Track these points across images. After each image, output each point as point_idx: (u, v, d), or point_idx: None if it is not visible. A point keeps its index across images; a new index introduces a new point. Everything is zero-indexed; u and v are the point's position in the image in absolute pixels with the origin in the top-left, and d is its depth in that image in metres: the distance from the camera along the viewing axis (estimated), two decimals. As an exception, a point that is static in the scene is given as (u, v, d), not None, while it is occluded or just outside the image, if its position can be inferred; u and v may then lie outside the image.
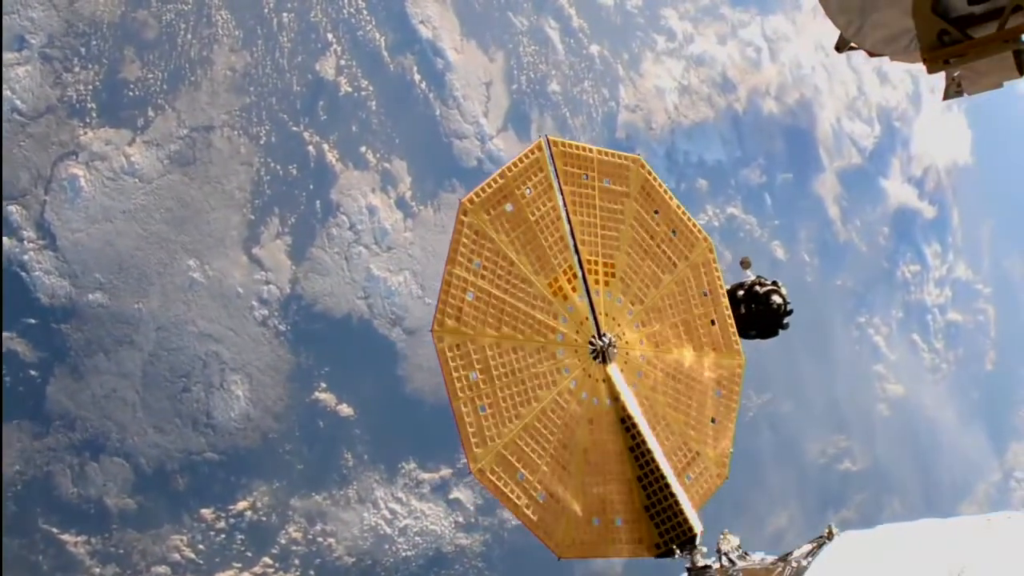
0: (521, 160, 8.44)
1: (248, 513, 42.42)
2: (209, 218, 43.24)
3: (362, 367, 46.24)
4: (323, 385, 45.19)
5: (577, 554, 8.63)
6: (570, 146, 8.77)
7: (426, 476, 47.57)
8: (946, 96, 6.26)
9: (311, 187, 46.28)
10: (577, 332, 8.86)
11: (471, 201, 8.16)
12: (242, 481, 42.63)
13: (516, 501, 8.18)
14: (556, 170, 8.68)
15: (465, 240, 8.11)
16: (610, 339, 8.98)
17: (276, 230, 44.96)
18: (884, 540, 7.48)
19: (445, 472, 48.22)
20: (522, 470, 8.24)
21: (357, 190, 47.55)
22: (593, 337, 8.95)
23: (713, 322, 9.59)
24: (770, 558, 8.39)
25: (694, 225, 9.70)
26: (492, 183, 8.27)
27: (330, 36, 47.70)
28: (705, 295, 9.61)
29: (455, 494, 48.33)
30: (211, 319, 42.81)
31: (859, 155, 75.56)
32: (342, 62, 47.90)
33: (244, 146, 44.45)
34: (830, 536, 7.44)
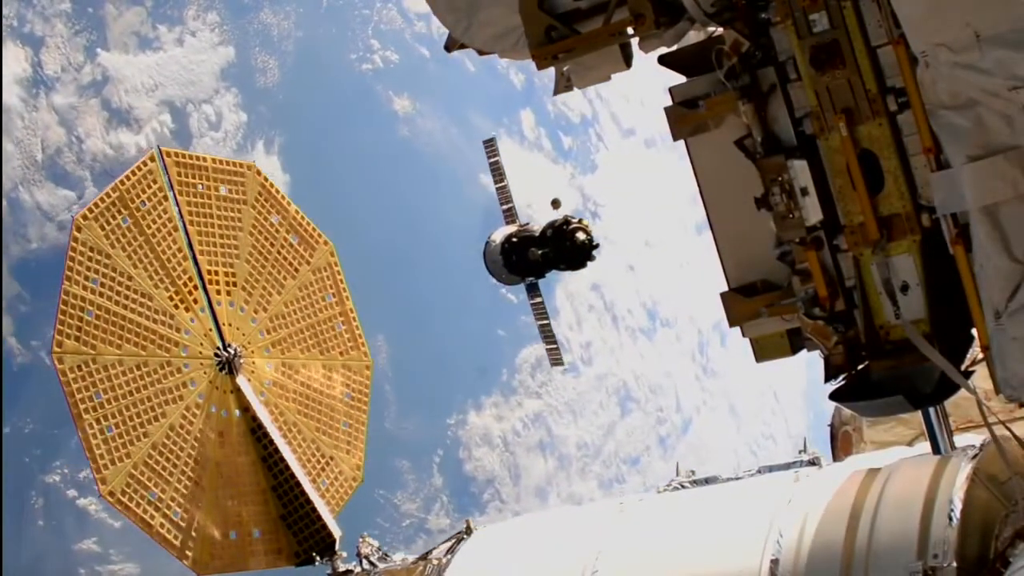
0: (134, 172, 9.25)
1: None
2: None
3: None
4: None
5: (216, 570, 9.57)
6: (184, 156, 9.72)
7: None
8: (556, 91, 6.80)
9: None
10: (202, 344, 9.85)
11: (84, 216, 8.83)
12: None
13: (150, 522, 9.01)
14: (171, 180, 9.61)
15: (80, 258, 8.79)
16: (236, 349, 10.06)
17: None
18: (523, 531, 8.68)
19: None
20: (154, 489, 9.08)
21: None
22: (218, 348, 9.99)
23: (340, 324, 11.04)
24: (411, 558, 9.71)
25: (314, 229, 11.04)
26: (105, 197, 8.99)
27: None
28: (330, 299, 11.01)
29: None
30: None
31: None
32: None
33: None
34: (468, 531, 8.60)
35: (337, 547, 10.21)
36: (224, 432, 9.89)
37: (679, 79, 6.72)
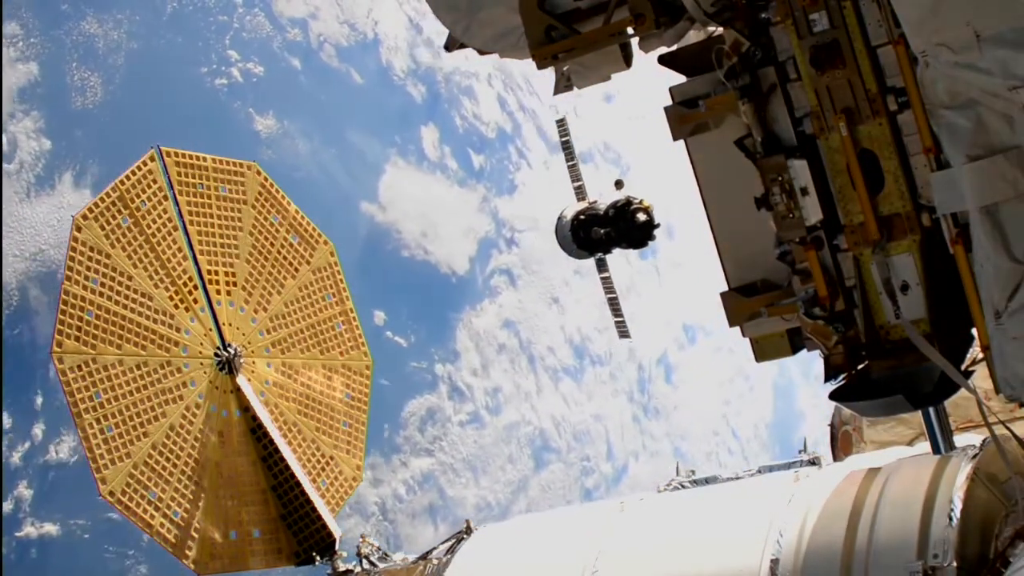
0: (134, 172, 9.28)
1: None
2: None
3: None
4: None
5: (216, 570, 9.59)
6: (184, 155, 9.75)
7: None
8: (556, 91, 7.04)
9: None
10: (202, 344, 9.87)
11: (84, 216, 8.86)
12: None
13: (150, 522, 9.03)
14: (170, 180, 9.64)
15: (80, 257, 8.83)
16: (236, 349, 10.08)
17: None
18: (524, 531, 8.75)
19: None
20: (154, 489, 9.11)
21: None
22: (218, 348, 10.01)
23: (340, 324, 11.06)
24: (411, 557, 9.75)
25: (314, 229, 11.06)
26: (105, 196, 9.03)
27: None
28: (330, 299, 11.02)
29: None
30: None
31: None
32: None
33: None
34: (468, 531, 8.67)
35: (337, 547, 10.22)
36: (224, 432, 9.91)
37: (679, 79, 6.73)
